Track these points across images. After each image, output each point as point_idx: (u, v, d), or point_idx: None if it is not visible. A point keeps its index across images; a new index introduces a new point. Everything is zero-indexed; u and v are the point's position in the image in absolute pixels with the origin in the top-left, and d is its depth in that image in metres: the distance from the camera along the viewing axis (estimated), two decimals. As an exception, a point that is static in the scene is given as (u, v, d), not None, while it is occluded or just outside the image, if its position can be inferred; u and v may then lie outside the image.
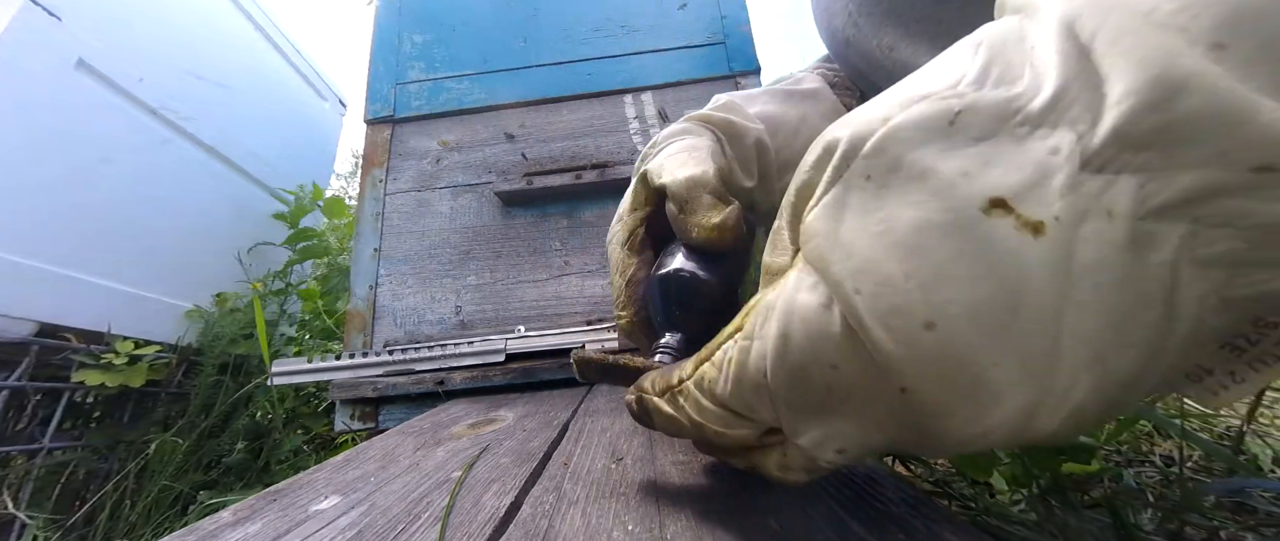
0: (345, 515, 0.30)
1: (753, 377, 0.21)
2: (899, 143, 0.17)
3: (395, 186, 1.05)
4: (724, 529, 0.25)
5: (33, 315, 1.00)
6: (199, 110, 1.46)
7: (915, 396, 0.17)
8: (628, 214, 0.41)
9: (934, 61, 0.20)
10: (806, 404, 0.20)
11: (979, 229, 0.16)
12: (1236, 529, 0.45)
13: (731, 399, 0.22)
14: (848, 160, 0.18)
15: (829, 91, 0.59)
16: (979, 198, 0.16)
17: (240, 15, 1.69)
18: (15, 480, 1.03)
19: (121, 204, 1.23)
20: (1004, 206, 0.15)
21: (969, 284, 0.16)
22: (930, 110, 0.17)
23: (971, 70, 0.18)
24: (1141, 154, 0.14)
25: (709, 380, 0.23)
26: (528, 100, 1.10)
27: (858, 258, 0.17)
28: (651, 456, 0.38)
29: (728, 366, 0.22)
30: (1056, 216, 0.15)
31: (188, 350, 1.33)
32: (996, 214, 0.16)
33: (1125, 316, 0.15)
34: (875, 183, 0.18)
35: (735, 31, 1.11)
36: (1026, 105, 0.16)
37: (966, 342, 0.16)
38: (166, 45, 1.38)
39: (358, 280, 0.97)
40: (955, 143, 0.17)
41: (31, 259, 1.00)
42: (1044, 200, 0.15)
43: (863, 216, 0.18)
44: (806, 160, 0.21)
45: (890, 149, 0.17)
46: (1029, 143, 0.16)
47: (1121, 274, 0.15)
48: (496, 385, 0.80)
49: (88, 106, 1.16)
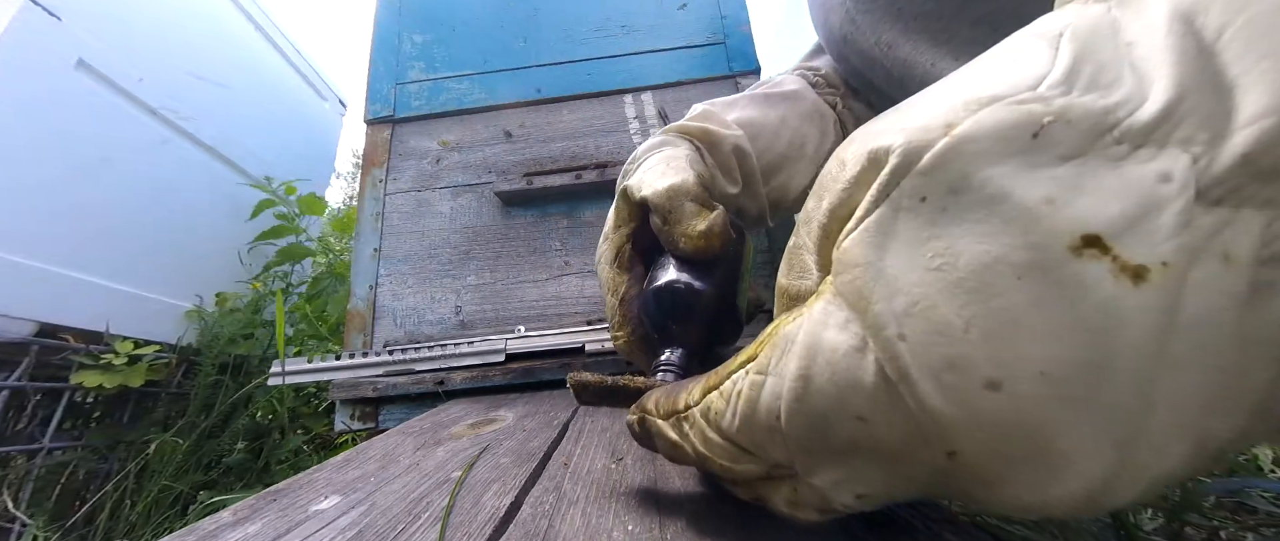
0: (345, 515, 0.30)
1: (764, 419, 0.18)
2: (967, 157, 0.14)
3: (395, 186, 1.05)
4: (724, 529, 0.25)
5: (32, 315, 1.00)
6: (199, 110, 1.46)
7: (964, 462, 0.15)
8: (613, 232, 0.41)
9: (997, 51, 0.17)
10: (826, 452, 0.18)
11: (1065, 271, 0.13)
12: (1236, 529, 0.45)
13: (739, 435, 0.20)
14: (898, 176, 0.15)
15: (809, 91, 0.58)
16: (1068, 232, 0.13)
17: (240, 15, 1.69)
18: (15, 480, 1.03)
19: (121, 204, 1.23)
20: (1099, 245, 0.13)
21: (1047, 339, 0.13)
22: (1008, 117, 0.14)
23: (1056, 68, 0.14)
24: (1273, 185, 0.12)
25: (716, 412, 0.21)
26: (528, 100, 1.10)
27: (906, 297, 0.14)
28: (652, 456, 0.38)
29: (737, 401, 0.20)
30: (1164, 261, 0.12)
31: (187, 350, 1.33)
32: (1089, 255, 0.13)
33: (1235, 378, 0.12)
34: (933, 206, 0.14)
35: (735, 31, 1.11)
36: (1129, 117, 0.13)
37: (1038, 408, 0.13)
38: (166, 45, 1.38)
39: (358, 280, 0.97)
40: (1038, 161, 0.13)
41: (31, 259, 1.00)
42: (1149, 239, 0.12)
43: (915, 247, 0.15)
44: (842, 171, 0.17)
45: (955, 164, 0.14)
46: (1130, 166, 0.13)
47: (1234, 330, 0.12)
48: (496, 385, 0.80)
49: (88, 106, 1.16)
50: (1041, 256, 0.13)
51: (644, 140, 1.05)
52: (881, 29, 0.46)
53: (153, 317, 1.27)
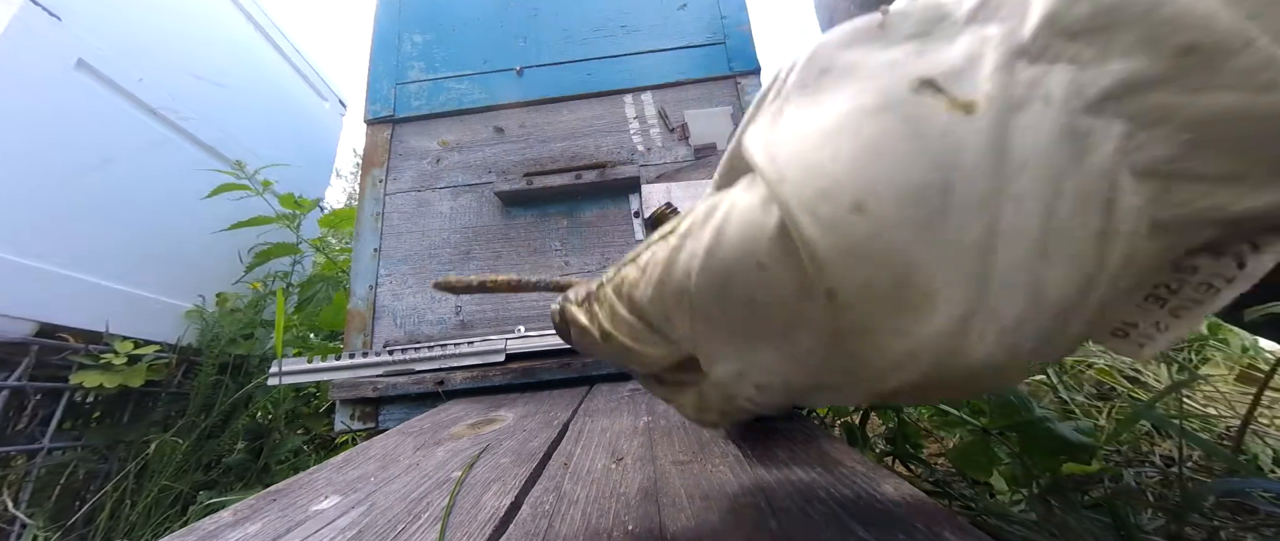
0: (345, 515, 0.30)
1: (676, 280, 0.19)
2: (830, 47, 0.18)
3: (395, 186, 1.05)
4: (724, 529, 0.25)
5: (32, 315, 1.00)
6: (199, 110, 1.46)
7: (840, 304, 0.15)
8: None
9: None
10: (726, 320, 0.18)
11: (907, 107, 0.15)
12: (1236, 529, 0.45)
13: (650, 305, 0.20)
14: (784, 74, 0.18)
15: None
16: (909, 79, 0.15)
17: (240, 15, 1.69)
18: (15, 480, 1.03)
19: (121, 204, 1.23)
20: (933, 87, 0.15)
21: (898, 161, 0.15)
22: (858, 22, 0.18)
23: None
24: (1075, 42, 0.14)
25: (629, 283, 0.21)
26: (528, 100, 1.10)
27: (788, 148, 0.17)
28: (651, 456, 0.38)
29: (652, 268, 0.20)
30: (989, 95, 0.14)
31: (187, 350, 1.33)
32: (927, 93, 0.15)
33: (1062, 222, 0.14)
34: (810, 90, 0.17)
35: (735, 31, 1.11)
36: (956, 8, 0.16)
37: (896, 229, 0.14)
38: (166, 45, 1.39)
39: (358, 280, 0.97)
40: (886, 42, 0.17)
41: (31, 259, 1.01)
42: (974, 80, 0.15)
43: (797, 119, 0.17)
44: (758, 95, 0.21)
45: (820, 55, 0.18)
46: (959, 36, 0.16)
47: (1060, 169, 0.14)
48: (496, 385, 0.80)
49: (88, 106, 1.16)
50: (888, 98, 0.15)
51: (644, 140, 1.05)
52: None
53: (153, 317, 1.27)
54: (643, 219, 0.96)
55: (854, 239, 0.15)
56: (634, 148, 1.04)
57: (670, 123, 1.05)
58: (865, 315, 0.15)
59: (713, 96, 1.07)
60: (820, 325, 0.17)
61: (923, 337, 0.15)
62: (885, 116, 0.15)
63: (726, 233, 0.17)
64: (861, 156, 0.15)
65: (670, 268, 0.19)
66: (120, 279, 1.20)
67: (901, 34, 0.17)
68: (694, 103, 1.06)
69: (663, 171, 1.00)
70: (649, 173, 1.00)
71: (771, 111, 0.18)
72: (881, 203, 0.14)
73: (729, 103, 1.05)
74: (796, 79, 0.18)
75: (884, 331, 0.15)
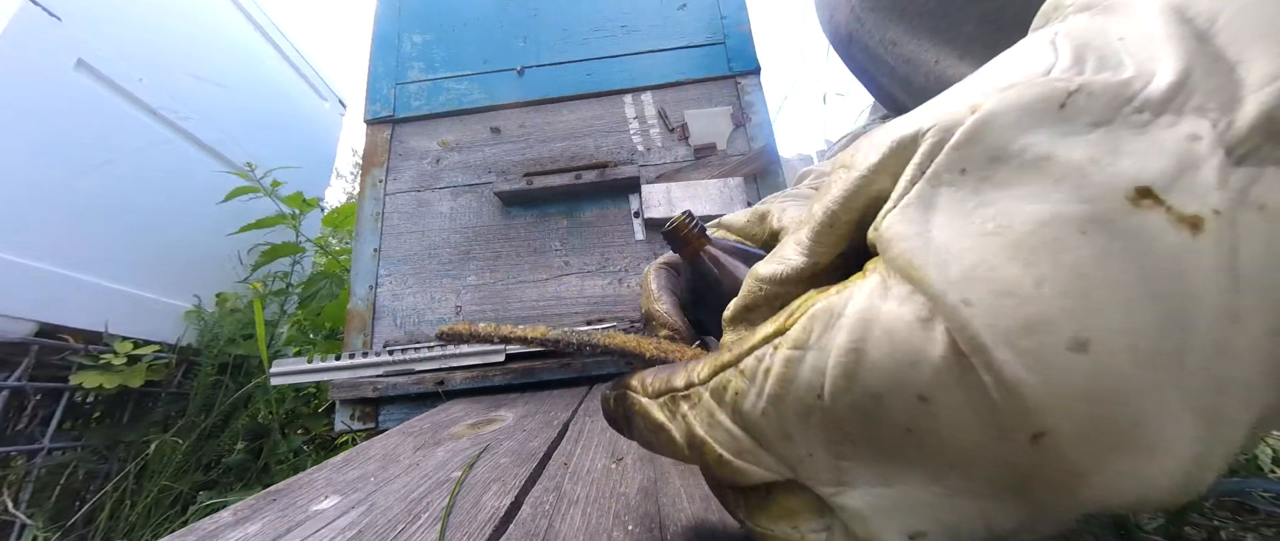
0: (345, 515, 0.30)
1: (801, 396, 0.16)
2: (1000, 129, 0.14)
3: (395, 186, 1.05)
4: (725, 529, 0.25)
5: (32, 315, 1.00)
6: (198, 110, 1.46)
7: (1053, 448, 0.13)
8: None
9: (996, 59, 0.16)
10: (872, 447, 0.15)
11: (1128, 223, 0.12)
12: (1236, 529, 0.45)
13: (762, 419, 0.17)
14: (934, 152, 0.15)
15: None
16: (1122, 186, 0.12)
17: (240, 15, 1.70)
18: (15, 480, 1.03)
19: (121, 204, 1.23)
20: (1152, 197, 0.12)
21: (1124, 294, 0.12)
22: (1032, 92, 0.14)
23: (1061, 59, 0.14)
24: None
25: (735, 391, 0.18)
26: (528, 100, 1.10)
27: (963, 262, 0.13)
28: (651, 456, 0.38)
29: (765, 378, 0.17)
30: (1215, 209, 0.12)
31: (187, 350, 1.33)
32: (1146, 206, 0.12)
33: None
34: (974, 176, 0.14)
35: (735, 31, 1.11)
36: (1144, 89, 0.13)
37: (1129, 370, 0.12)
38: (166, 45, 1.39)
39: (358, 280, 0.97)
40: (1069, 129, 0.13)
41: (31, 259, 1.01)
42: (1196, 191, 0.12)
43: (963, 217, 0.14)
44: (856, 161, 0.17)
45: (990, 136, 0.14)
46: (1156, 130, 0.13)
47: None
48: (496, 385, 0.80)
49: (88, 106, 1.16)
50: (1101, 208, 0.13)
51: (644, 141, 1.05)
52: (887, 26, 0.46)
53: (152, 317, 1.27)
54: (643, 219, 0.96)
55: (1075, 380, 0.12)
56: (634, 148, 1.04)
57: (670, 123, 1.05)
58: (1084, 459, 0.13)
59: (713, 96, 1.07)
60: (1014, 463, 0.14)
61: (1156, 477, 0.13)
62: (1100, 235, 0.12)
63: (871, 354, 0.14)
64: (1075, 285, 0.12)
65: (788, 383, 0.16)
66: (120, 279, 1.20)
67: (1087, 120, 0.14)
68: (694, 103, 1.06)
69: (663, 171, 1.00)
70: (649, 173, 1.00)
71: (917, 198, 0.15)
72: (1111, 343, 0.12)
73: (729, 103, 1.05)
74: (953, 160, 0.14)
75: (1106, 475, 0.13)
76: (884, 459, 0.15)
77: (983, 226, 0.13)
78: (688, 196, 0.95)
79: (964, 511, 0.15)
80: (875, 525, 0.16)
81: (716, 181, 0.96)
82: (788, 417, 0.16)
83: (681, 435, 0.19)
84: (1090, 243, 0.12)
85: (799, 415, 0.16)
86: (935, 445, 0.14)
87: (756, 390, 0.17)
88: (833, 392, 0.15)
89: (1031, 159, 0.13)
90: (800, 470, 0.17)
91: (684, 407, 0.20)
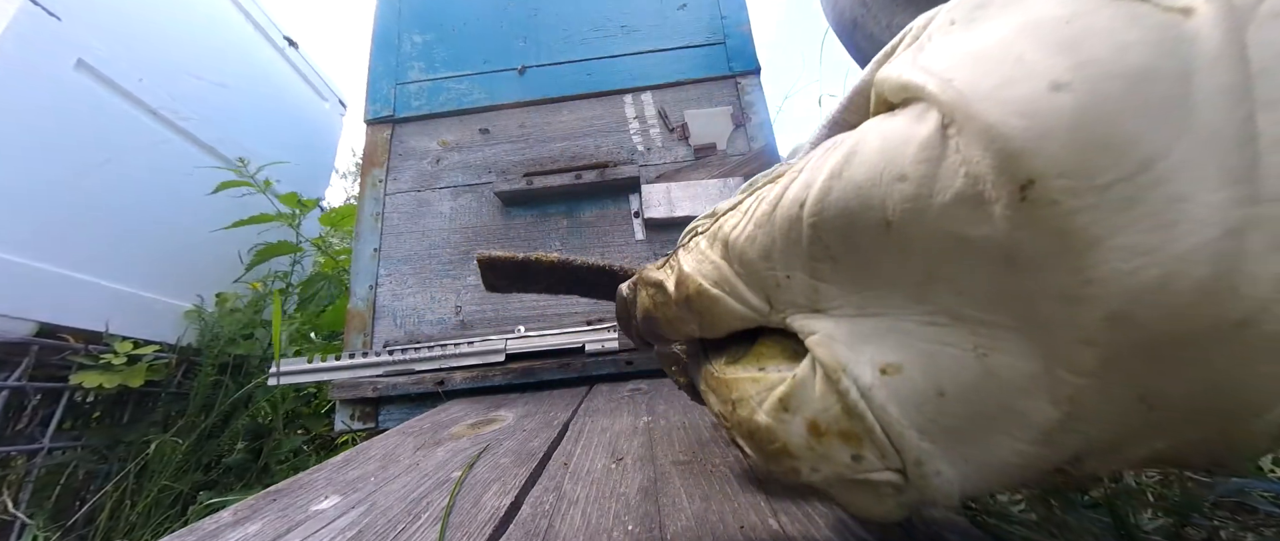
0: (345, 515, 0.30)
1: (785, 209, 0.15)
2: None
3: (395, 186, 1.05)
4: (724, 529, 0.25)
5: (32, 315, 1.00)
6: (199, 111, 1.46)
7: (1044, 199, 0.11)
8: None
9: None
10: (849, 257, 0.14)
11: (1111, 6, 0.11)
12: (1236, 529, 0.45)
13: (746, 243, 0.16)
14: (922, 26, 0.15)
15: None
16: None
17: (240, 15, 1.70)
18: (15, 480, 1.03)
19: (121, 204, 1.23)
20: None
21: (1110, 42, 0.11)
22: None
23: None
24: None
25: (726, 228, 0.17)
26: (528, 100, 1.10)
27: (950, 60, 0.13)
28: (651, 456, 0.38)
29: (757, 205, 0.16)
30: (1208, 1, 0.11)
31: (187, 350, 1.33)
32: (1128, 2, 0.11)
33: None
34: (962, 23, 0.14)
35: (735, 31, 1.11)
36: None
37: (1119, 103, 0.11)
38: (166, 45, 1.39)
39: (358, 280, 0.97)
40: None
41: (31, 259, 1.01)
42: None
43: (950, 44, 0.13)
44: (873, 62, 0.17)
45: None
46: None
47: None
48: (496, 385, 0.80)
49: (88, 106, 1.16)
50: (1081, 5, 0.12)
51: (644, 140, 1.05)
52: (892, 12, 0.45)
53: (153, 317, 1.27)
54: (643, 219, 0.96)
55: (1059, 116, 0.11)
56: (634, 147, 1.04)
57: (670, 122, 1.05)
58: (1081, 216, 0.11)
59: (713, 96, 1.07)
60: (995, 244, 0.12)
61: (1178, 251, 0.10)
62: (1079, 21, 0.12)
63: (859, 151, 0.13)
64: (1055, 46, 0.11)
65: (778, 201, 0.15)
66: (120, 279, 1.20)
67: None
68: (694, 103, 1.06)
69: (663, 171, 1.00)
70: (649, 172, 1.00)
71: (912, 49, 0.14)
72: (1096, 77, 0.11)
73: (729, 103, 1.05)
74: (942, 20, 0.14)
75: (1114, 237, 0.10)
76: (862, 281, 0.14)
77: (967, 43, 0.13)
78: (688, 196, 0.95)
79: (948, 340, 0.13)
80: (843, 351, 0.14)
81: (716, 181, 0.96)
82: (775, 236, 0.15)
83: (672, 280, 0.19)
84: (1070, 26, 0.12)
85: (783, 230, 0.15)
86: (915, 242, 0.13)
87: (746, 218, 0.16)
88: (817, 195, 0.14)
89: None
90: (776, 298, 0.16)
91: (678, 255, 0.19)
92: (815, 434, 0.15)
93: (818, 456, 0.15)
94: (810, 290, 0.15)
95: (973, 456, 0.13)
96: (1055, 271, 0.11)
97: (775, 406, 0.16)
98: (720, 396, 0.18)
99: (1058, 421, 0.12)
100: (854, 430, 0.14)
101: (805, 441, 0.15)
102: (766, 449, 0.16)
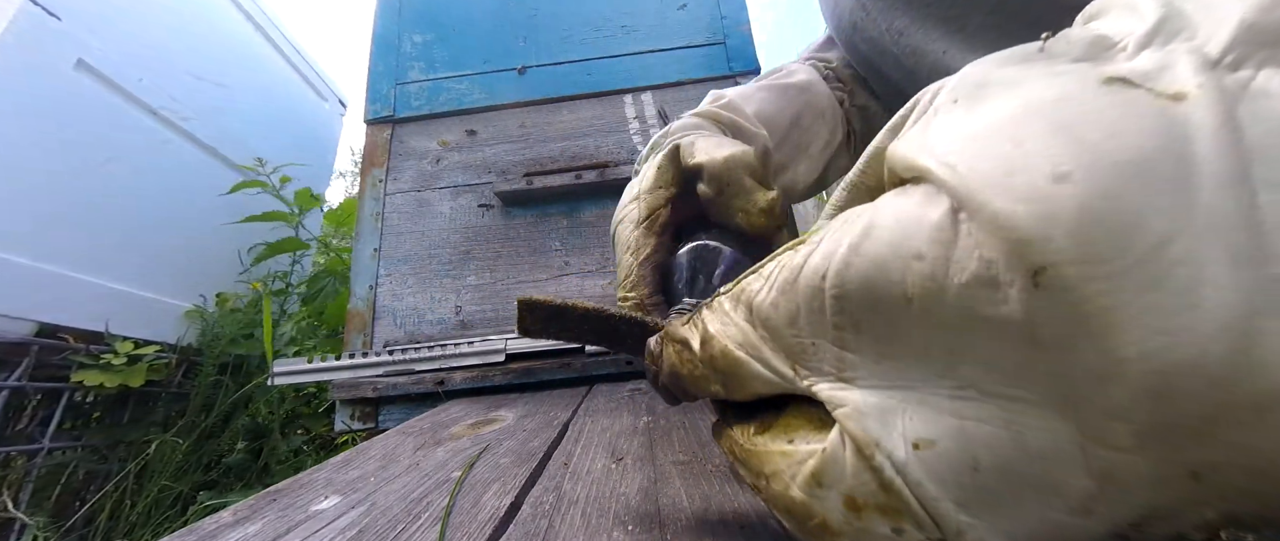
0: (345, 515, 0.30)
1: (808, 279, 0.15)
2: (983, 66, 0.15)
3: (395, 186, 1.05)
4: (725, 529, 0.25)
5: (33, 315, 1.00)
6: (199, 110, 1.46)
7: (1058, 284, 0.11)
8: (648, 192, 0.36)
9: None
10: (874, 331, 0.14)
11: (1107, 92, 0.12)
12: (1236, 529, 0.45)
13: (770, 309, 0.17)
14: (926, 102, 0.16)
15: (821, 84, 0.57)
16: (1094, 77, 0.13)
17: (240, 15, 1.70)
18: (15, 480, 1.03)
19: (121, 204, 1.23)
20: (1127, 83, 0.12)
21: (1108, 131, 0.12)
22: (1014, 49, 0.15)
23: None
24: (1278, 47, 0.11)
25: (750, 290, 0.18)
26: (528, 100, 1.10)
27: (953, 144, 0.14)
28: (651, 456, 0.38)
29: (778, 272, 0.17)
30: (1199, 85, 0.12)
31: (188, 350, 1.33)
32: (1119, 87, 0.12)
33: None
34: (964, 103, 0.15)
35: (735, 31, 1.11)
36: (1128, 34, 0.14)
37: (1123, 190, 0.11)
38: (166, 45, 1.39)
39: (358, 280, 0.97)
40: (1050, 64, 0.14)
41: (31, 259, 1.01)
42: (1175, 78, 0.12)
43: (953, 125, 0.14)
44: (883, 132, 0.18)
45: (973, 73, 0.15)
46: (1136, 56, 0.13)
47: None
48: (496, 385, 0.80)
49: (88, 106, 1.16)
50: (1073, 91, 0.13)
51: (644, 140, 1.05)
52: (893, 15, 0.45)
53: (153, 317, 1.27)
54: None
55: (1063, 205, 0.11)
56: (634, 148, 1.04)
57: (670, 122, 1.05)
58: (1097, 295, 0.11)
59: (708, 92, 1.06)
60: (1015, 324, 0.12)
61: (1208, 331, 0.10)
62: (1074, 103, 0.12)
63: (877, 226, 0.14)
64: (1055, 135, 0.12)
65: (797, 270, 0.16)
66: (120, 279, 1.20)
67: (1066, 58, 0.14)
68: (694, 103, 1.05)
69: (663, 171, 1.00)
70: (649, 173, 1.00)
71: (919, 125, 0.16)
72: (1096, 167, 0.11)
73: (729, 103, 1.05)
74: (945, 97, 0.15)
75: (1133, 321, 0.11)
76: (888, 351, 0.14)
77: (970, 125, 0.14)
78: (688, 196, 0.95)
79: (979, 415, 0.13)
80: (874, 426, 0.14)
81: (716, 181, 0.96)
82: (795, 302, 0.16)
83: (697, 338, 0.20)
84: (1064, 109, 0.12)
85: (806, 298, 0.16)
86: (937, 317, 0.13)
87: (769, 284, 0.17)
88: (838, 268, 0.15)
89: (1009, 78, 0.14)
90: (802, 364, 0.16)
91: (703, 314, 0.20)
92: (853, 509, 0.15)
93: (858, 530, 0.15)
94: (837, 359, 0.15)
95: (1014, 527, 0.13)
96: (1080, 351, 0.11)
97: (809, 481, 0.16)
98: (751, 469, 0.19)
99: (1095, 493, 0.12)
100: (892, 504, 0.14)
101: (844, 516, 0.15)
102: (806, 525, 0.16)
